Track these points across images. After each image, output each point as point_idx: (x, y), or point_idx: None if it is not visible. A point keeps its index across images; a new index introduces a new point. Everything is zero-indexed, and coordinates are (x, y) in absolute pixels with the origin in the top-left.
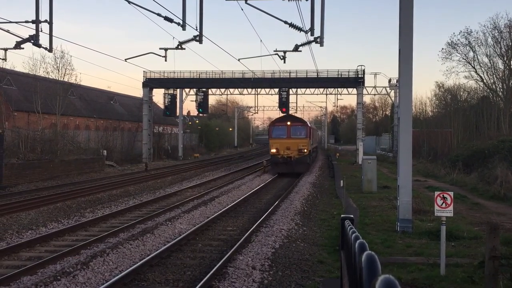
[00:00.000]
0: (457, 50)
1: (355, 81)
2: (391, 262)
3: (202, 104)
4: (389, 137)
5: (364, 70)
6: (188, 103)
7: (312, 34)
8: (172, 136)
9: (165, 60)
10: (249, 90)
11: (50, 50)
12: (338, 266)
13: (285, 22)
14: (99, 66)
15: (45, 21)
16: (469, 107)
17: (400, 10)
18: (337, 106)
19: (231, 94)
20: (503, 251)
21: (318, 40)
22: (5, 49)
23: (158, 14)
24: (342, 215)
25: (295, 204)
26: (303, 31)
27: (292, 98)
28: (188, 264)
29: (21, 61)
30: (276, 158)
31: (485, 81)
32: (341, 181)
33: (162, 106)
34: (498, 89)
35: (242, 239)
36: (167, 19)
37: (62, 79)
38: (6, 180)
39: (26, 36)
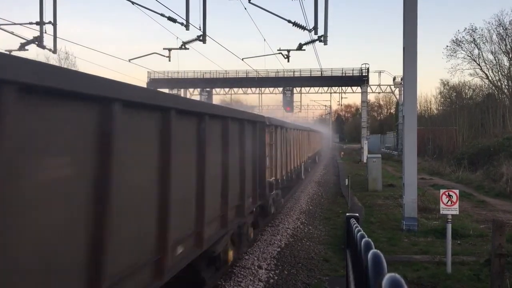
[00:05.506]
0: (462, 47)
1: (360, 79)
2: (397, 260)
3: None
4: (394, 135)
5: (368, 69)
6: None
7: (316, 33)
8: None
9: (169, 60)
10: (253, 89)
11: (54, 51)
12: (343, 265)
13: (289, 21)
14: (103, 67)
15: (49, 22)
16: (474, 105)
17: (404, 8)
18: (341, 105)
19: (235, 93)
20: (509, 248)
21: (322, 38)
22: (10, 51)
23: (162, 14)
24: (347, 214)
25: (300, 202)
26: (307, 30)
27: (296, 97)
28: None
29: None
30: None
31: (490, 78)
32: (346, 179)
33: None
34: (503, 86)
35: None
36: (170, 19)
37: None
38: None
39: (30, 37)
